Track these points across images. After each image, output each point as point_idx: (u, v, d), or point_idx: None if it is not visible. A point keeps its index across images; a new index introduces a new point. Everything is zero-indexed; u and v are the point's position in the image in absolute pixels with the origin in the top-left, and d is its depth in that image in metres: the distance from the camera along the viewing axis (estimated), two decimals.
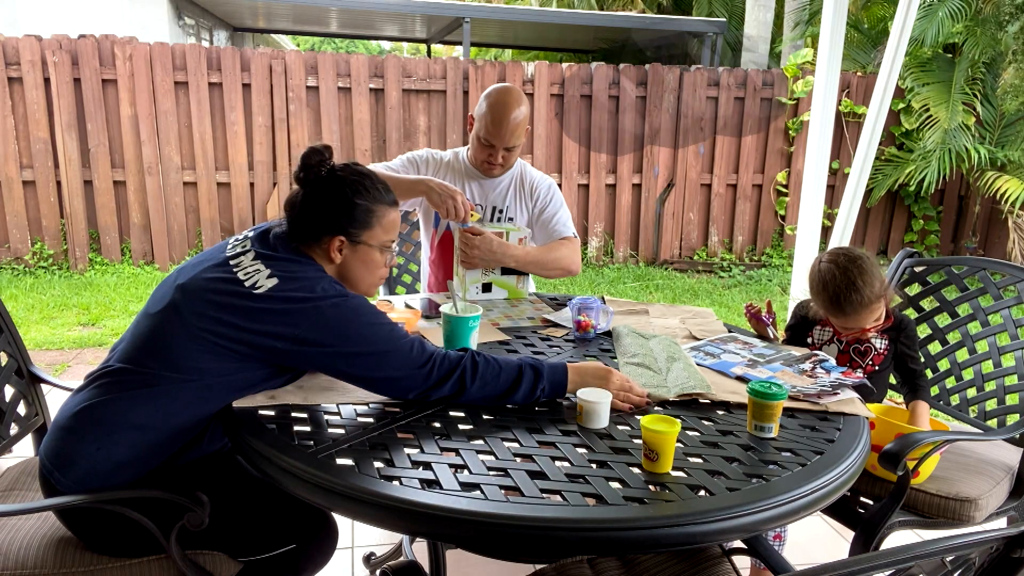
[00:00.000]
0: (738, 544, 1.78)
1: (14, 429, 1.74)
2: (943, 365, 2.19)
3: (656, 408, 1.47)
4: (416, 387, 1.39)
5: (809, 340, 2.02)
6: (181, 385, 1.34)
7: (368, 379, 1.39)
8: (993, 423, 2.03)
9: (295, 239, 1.46)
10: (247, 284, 1.36)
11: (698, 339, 1.87)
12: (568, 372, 1.46)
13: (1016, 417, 1.95)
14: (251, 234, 1.50)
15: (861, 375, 1.92)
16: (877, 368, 1.93)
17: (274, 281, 1.36)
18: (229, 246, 1.47)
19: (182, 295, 1.39)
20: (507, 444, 1.28)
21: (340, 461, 1.19)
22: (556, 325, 2.00)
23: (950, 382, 2.16)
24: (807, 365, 1.70)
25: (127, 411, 1.34)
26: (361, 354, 1.36)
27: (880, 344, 1.94)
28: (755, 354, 1.76)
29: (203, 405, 1.37)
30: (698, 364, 1.69)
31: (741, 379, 1.60)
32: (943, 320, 2.23)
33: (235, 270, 1.39)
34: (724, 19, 9.71)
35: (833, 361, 1.73)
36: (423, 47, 14.46)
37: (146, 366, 1.35)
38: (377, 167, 2.20)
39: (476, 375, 1.40)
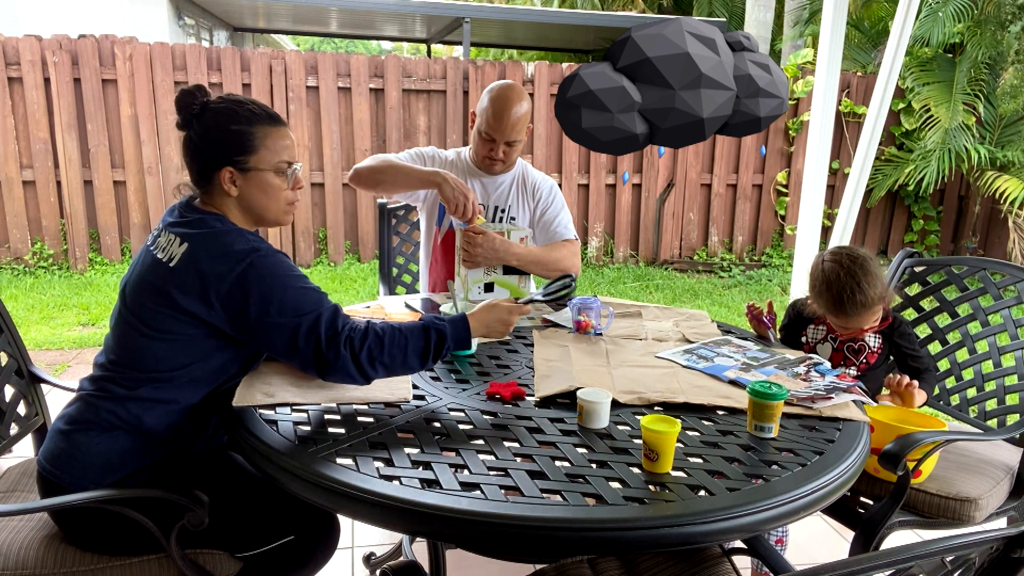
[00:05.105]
0: (738, 544, 1.78)
1: (14, 429, 1.74)
2: (943, 365, 2.19)
3: (656, 408, 1.47)
4: (316, 360, 1.35)
5: (803, 339, 2.02)
6: (154, 384, 1.36)
7: (278, 346, 1.35)
8: (993, 423, 2.03)
9: (199, 187, 1.47)
10: (164, 260, 1.37)
11: (691, 342, 1.86)
12: (469, 322, 1.46)
13: (1016, 417, 1.95)
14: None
15: (855, 373, 1.93)
16: (871, 366, 1.93)
17: (184, 247, 1.36)
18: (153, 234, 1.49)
19: (121, 297, 1.43)
20: (507, 444, 1.28)
21: (340, 461, 1.19)
22: (556, 325, 2.00)
23: (950, 382, 2.16)
24: (801, 369, 1.68)
25: (109, 416, 1.36)
26: (279, 311, 1.32)
27: (874, 343, 1.93)
28: (749, 357, 1.75)
29: (184, 398, 1.39)
30: (691, 367, 1.68)
31: (735, 383, 1.59)
32: (943, 320, 2.23)
33: (154, 251, 1.41)
34: (724, 19, 9.71)
35: (828, 364, 1.72)
36: (423, 47, 14.46)
37: (116, 371, 1.39)
38: (388, 156, 2.22)
39: (383, 350, 1.36)
